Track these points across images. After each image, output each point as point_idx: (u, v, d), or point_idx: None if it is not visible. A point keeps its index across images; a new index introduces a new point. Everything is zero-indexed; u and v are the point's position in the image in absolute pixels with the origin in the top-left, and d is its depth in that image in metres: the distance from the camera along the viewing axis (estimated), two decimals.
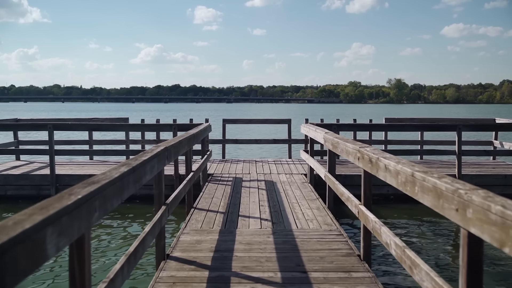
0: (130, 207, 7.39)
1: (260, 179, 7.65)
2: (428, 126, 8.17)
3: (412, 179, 2.44)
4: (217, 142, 10.25)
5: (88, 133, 9.63)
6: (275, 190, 6.73)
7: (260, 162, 9.64)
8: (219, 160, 9.96)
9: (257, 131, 23.65)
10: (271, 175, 8.11)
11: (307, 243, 4.09)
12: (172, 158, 3.99)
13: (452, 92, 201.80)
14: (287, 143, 10.18)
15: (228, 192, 6.54)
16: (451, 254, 5.58)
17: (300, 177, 7.88)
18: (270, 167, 8.99)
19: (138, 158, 2.91)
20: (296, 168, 8.87)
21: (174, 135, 7.94)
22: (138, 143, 9.91)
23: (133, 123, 8.21)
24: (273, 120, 10.85)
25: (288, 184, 7.20)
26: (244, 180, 7.61)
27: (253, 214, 5.20)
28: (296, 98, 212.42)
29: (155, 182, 3.67)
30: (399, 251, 2.71)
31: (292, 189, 6.81)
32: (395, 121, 9.88)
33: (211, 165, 9.24)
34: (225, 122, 10.15)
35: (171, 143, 3.98)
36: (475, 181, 7.70)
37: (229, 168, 8.86)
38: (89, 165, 8.96)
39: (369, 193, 3.72)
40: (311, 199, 6.08)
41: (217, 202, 5.86)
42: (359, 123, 8.62)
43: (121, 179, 2.33)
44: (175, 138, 4.39)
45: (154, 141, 9.73)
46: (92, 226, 2.00)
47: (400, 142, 10.01)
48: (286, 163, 9.52)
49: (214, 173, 8.25)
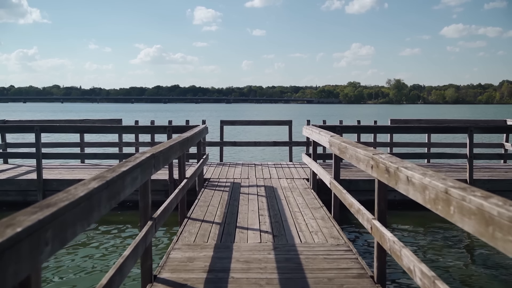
0: (120, 214, 6.94)
1: (259, 185, 7.20)
2: (438, 128, 7.72)
3: (446, 196, 2.00)
4: (215, 144, 9.80)
5: (79, 136, 9.18)
6: (275, 196, 6.28)
7: (259, 165, 9.19)
8: (216, 163, 9.51)
9: (257, 133, 23.15)
10: (271, 179, 7.67)
11: (312, 261, 3.64)
12: (161, 165, 3.55)
13: (451, 93, 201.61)
14: (288, 146, 9.73)
15: (225, 199, 6.09)
16: (471, 270, 5.13)
17: (302, 182, 7.43)
18: (270, 171, 8.54)
19: (116, 169, 2.46)
20: (297, 172, 8.43)
21: (168, 138, 7.50)
22: (132, 146, 9.46)
23: (125, 125, 7.75)
24: (273, 121, 10.39)
25: (289, 190, 6.76)
26: (242, 185, 7.16)
27: (252, 225, 4.75)
28: (295, 99, 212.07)
29: (140, 194, 3.22)
30: (426, 282, 2.26)
31: (294, 195, 6.36)
32: (401, 123, 9.44)
33: (208, 168, 8.80)
34: (223, 123, 9.70)
35: (160, 148, 3.53)
36: (487, 186, 7.26)
37: (227, 172, 8.41)
38: (80, 169, 8.51)
39: (384, 206, 3.27)
40: (315, 207, 5.63)
41: (213, 211, 5.41)
42: (364, 125, 8.19)
43: (89, 198, 1.89)
44: (165, 143, 3.94)
45: (148, 144, 9.28)
46: (42, 263, 1.55)
47: (406, 145, 9.57)
48: (287, 166, 9.08)
49: (211, 178, 7.80)
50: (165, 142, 4.08)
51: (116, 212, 6.95)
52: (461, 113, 73.42)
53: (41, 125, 7.38)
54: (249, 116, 64.15)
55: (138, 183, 2.80)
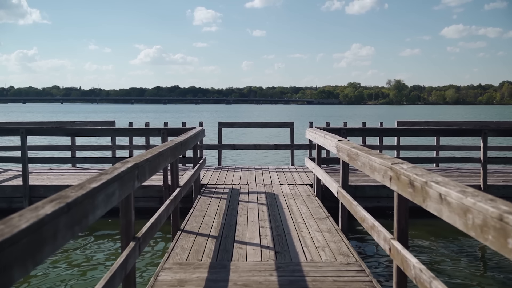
0: (105, 222, 6.48)
1: (260, 191, 6.75)
2: (450, 130, 7.24)
3: (501, 225, 1.54)
4: (213, 147, 9.35)
5: (70, 138, 8.72)
6: (277, 205, 5.83)
7: (259, 170, 8.73)
8: (214, 167, 9.05)
9: (257, 135, 22.57)
10: (272, 186, 7.22)
11: (320, 284, 3.19)
12: (148, 176, 3.09)
13: (452, 93, 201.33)
14: (290, 149, 9.27)
15: (223, 208, 5.64)
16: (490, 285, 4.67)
17: (305, 189, 6.98)
18: (271, 176, 8.09)
19: (85, 185, 2.01)
20: (300, 177, 7.97)
21: (163, 141, 7.05)
22: (125, 149, 9.01)
23: (117, 128, 7.28)
24: (274, 123, 9.92)
25: (292, 198, 6.30)
26: (241, 192, 6.71)
27: (252, 239, 4.30)
28: (295, 99, 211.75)
29: (121, 211, 2.77)
30: None
31: (297, 203, 5.91)
32: (408, 125, 8.99)
33: (205, 173, 8.34)
34: (222, 125, 9.24)
35: (146, 156, 3.08)
36: (502, 192, 6.82)
37: (225, 177, 7.95)
38: (70, 174, 8.05)
39: (405, 224, 2.82)
40: (320, 217, 5.17)
41: (209, 222, 4.95)
42: (371, 128, 7.73)
43: (36, 229, 1.44)
44: (153, 149, 3.49)
45: (143, 147, 8.84)
46: None
47: (413, 148, 9.11)
48: (288, 171, 8.62)
49: (208, 184, 7.35)
50: (154, 148, 3.63)
51: (106, 220, 6.50)
52: (464, 114, 72.95)
53: (26, 127, 6.92)
54: (249, 117, 63.53)
55: (116, 200, 2.35)
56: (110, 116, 64.98)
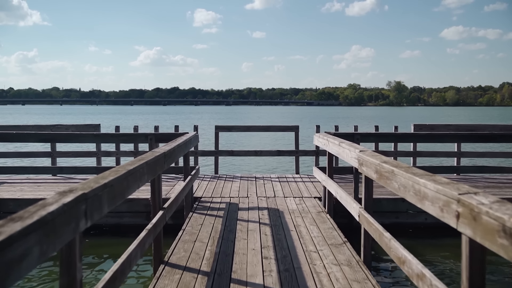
0: (88, 241, 5.58)
1: (261, 207, 5.84)
2: (480, 136, 6.26)
3: None
4: (209, 154, 8.44)
5: (50, 144, 7.81)
6: (282, 225, 4.92)
7: (261, 179, 7.83)
8: (210, 176, 8.14)
9: (258, 140, 21.33)
10: (275, 199, 6.31)
11: None
12: (108, 207, 2.19)
13: (452, 95, 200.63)
14: (294, 156, 8.36)
15: (218, 230, 4.73)
16: None
17: (314, 203, 6.08)
18: (274, 186, 7.18)
19: None
20: (306, 188, 7.07)
21: (150, 148, 6.16)
22: (111, 156, 8.10)
23: (97, 133, 6.35)
24: (277, 127, 8.96)
25: (299, 215, 5.40)
26: (240, 207, 5.80)
27: (253, 278, 3.39)
28: (295, 101, 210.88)
29: (61, 267, 1.87)
30: None
31: (306, 223, 5.01)
32: (425, 128, 8.09)
33: (200, 183, 7.44)
34: (219, 129, 8.31)
35: (105, 180, 2.17)
36: None
37: (222, 188, 7.04)
38: (48, 184, 7.13)
39: (481, 283, 1.92)
40: (336, 243, 4.27)
41: (200, 251, 4.05)
42: (388, 133, 6.83)
43: None
44: (119, 168, 2.58)
45: (131, 153, 7.94)
46: None
47: (432, 154, 8.21)
48: (293, 180, 7.71)
49: (202, 197, 6.44)
50: (122, 165, 2.72)
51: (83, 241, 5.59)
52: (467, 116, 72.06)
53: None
54: (249, 118, 62.28)
55: (35, 261, 1.45)
56: (109, 118, 64.04)
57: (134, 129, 8.02)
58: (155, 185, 3.65)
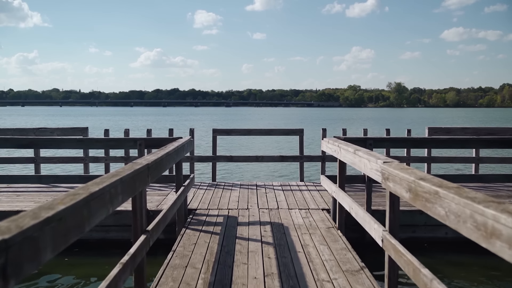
0: (68, 261, 4.95)
1: (264, 221, 5.20)
2: (505, 141, 5.62)
3: None
4: (206, 159, 7.79)
5: (33, 150, 7.17)
6: (288, 245, 4.28)
7: (262, 187, 7.19)
8: (208, 184, 7.49)
9: (259, 144, 20.47)
10: (279, 211, 5.67)
11: None
12: (51, 252, 1.55)
13: (452, 96, 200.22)
14: (299, 161, 7.70)
15: (214, 252, 4.09)
16: None
17: (322, 216, 5.44)
18: (276, 196, 6.54)
19: None
20: (313, 198, 6.43)
21: (139, 154, 5.52)
22: (100, 161, 7.46)
23: (82, 138, 5.70)
24: (279, 130, 8.26)
25: (307, 231, 4.76)
26: (240, 222, 5.16)
27: None
28: (295, 102, 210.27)
29: None
30: None
31: (315, 242, 4.37)
32: (441, 132, 7.46)
33: (196, 192, 6.80)
34: (216, 133, 7.66)
35: (48, 214, 1.53)
36: None
37: (220, 198, 6.40)
38: (29, 194, 6.48)
39: None
40: (352, 270, 3.62)
41: (192, 280, 3.40)
42: (405, 138, 6.18)
43: None
44: (78, 191, 1.96)
45: (121, 159, 7.31)
46: None
47: (448, 160, 7.57)
48: (298, 189, 7.07)
49: (197, 209, 5.80)
50: (84, 186, 2.08)
51: (62, 259, 4.96)
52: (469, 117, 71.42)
53: None
54: (250, 120, 61.38)
55: None
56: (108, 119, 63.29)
57: (125, 133, 7.38)
58: (136, 204, 3.01)
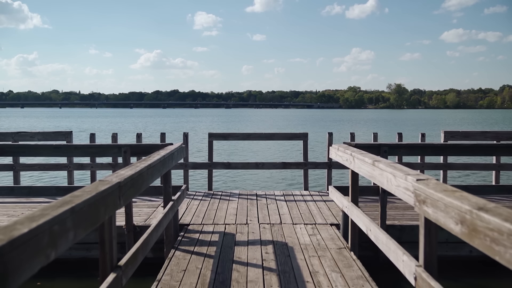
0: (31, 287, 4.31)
1: (265, 240, 4.55)
2: None
3: None
4: (201, 166, 7.14)
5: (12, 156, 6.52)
6: (294, 273, 3.63)
7: (263, 197, 6.53)
8: (203, 193, 6.83)
9: (258, 147, 19.43)
10: (282, 227, 5.02)
11: None
12: None
13: (452, 97, 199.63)
14: (303, 169, 7.05)
15: (206, 282, 3.44)
16: None
17: (331, 233, 4.79)
18: (279, 208, 5.89)
19: None
20: (319, 210, 5.78)
21: (124, 162, 4.88)
22: (85, 169, 6.82)
23: (58, 144, 5.00)
24: (281, 135, 7.55)
25: (315, 253, 4.11)
26: (238, 241, 4.50)
27: None
28: (295, 104, 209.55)
29: None
30: None
31: (326, 269, 3.71)
32: (458, 136, 6.82)
33: (190, 203, 6.16)
34: (213, 137, 7.01)
35: None
36: None
37: (216, 211, 5.75)
38: (3, 206, 5.83)
39: None
40: None
41: None
42: (425, 144, 5.51)
43: None
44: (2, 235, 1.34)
45: (109, 166, 6.68)
46: None
47: (465, 167, 6.93)
48: (302, 199, 6.42)
49: (190, 224, 5.15)
50: (10, 225, 1.44)
51: (34, 283, 4.32)
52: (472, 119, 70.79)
53: None
54: (251, 121, 60.45)
55: None
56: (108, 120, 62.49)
57: (112, 138, 6.75)
58: (104, 235, 2.36)
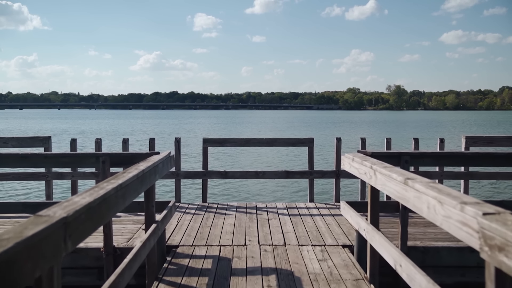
0: None
1: (266, 267, 3.83)
2: None
3: None
4: (195, 176, 6.43)
5: None
6: None
7: (264, 210, 5.82)
8: (196, 206, 6.11)
9: (259, 153, 18.28)
10: (286, 249, 4.31)
11: None
12: None
13: (452, 99, 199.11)
14: (308, 178, 6.33)
15: None
16: None
17: (344, 257, 4.08)
18: (282, 224, 5.17)
19: None
20: (328, 227, 5.06)
21: (103, 174, 4.17)
22: (65, 179, 6.11)
23: (25, 154, 4.23)
24: (284, 141, 6.71)
25: (327, 286, 3.40)
26: (235, 269, 3.79)
27: None
28: (294, 105, 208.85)
29: None
30: None
31: None
32: (481, 142, 6.13)
33: (181, 218, 5.45)
34: (207, 143, 6.30)
35: None
36: None
37: (210, 228, 5.03)
38: None
39: None
40: None
41: None
42: (449, 153, 4.76)
43: None
44: None
45: (92, 175, 5.97)
46: None
47: (489, 176, 6.22)
48: (308, 213, 5.71)
49: (179, 245, 4.43)
50: None
51: None
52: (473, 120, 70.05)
53: None
54: (251, 123, 59.43)
55: None
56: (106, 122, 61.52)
57: (96, 143, 6.04)
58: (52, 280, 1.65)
